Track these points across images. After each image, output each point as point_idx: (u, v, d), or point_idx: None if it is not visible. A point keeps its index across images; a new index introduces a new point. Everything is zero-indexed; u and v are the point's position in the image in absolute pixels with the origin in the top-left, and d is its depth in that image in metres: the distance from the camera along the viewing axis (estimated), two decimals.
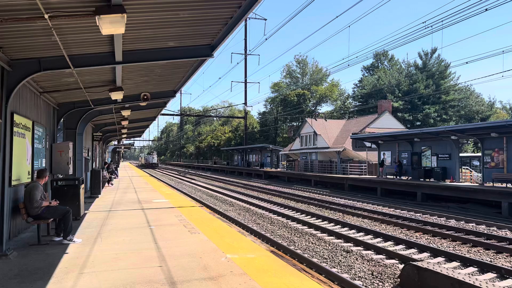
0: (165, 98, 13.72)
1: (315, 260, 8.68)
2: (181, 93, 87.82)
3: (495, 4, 18.23)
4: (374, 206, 18.89)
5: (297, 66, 76.18)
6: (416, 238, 11.48)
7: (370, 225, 13.52)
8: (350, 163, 34.21)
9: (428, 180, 23.41)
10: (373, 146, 31.30)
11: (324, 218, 14.70)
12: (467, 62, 37.17)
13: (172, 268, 5.84)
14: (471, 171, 31.14)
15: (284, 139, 67.65)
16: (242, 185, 31.95)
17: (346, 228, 12.90)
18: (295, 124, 69.10)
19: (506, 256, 9.58)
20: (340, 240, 11.00)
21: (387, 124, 38.26)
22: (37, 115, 9.43)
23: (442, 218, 15.20)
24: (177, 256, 6.52)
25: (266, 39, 38.33)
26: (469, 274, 7.82)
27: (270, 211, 16.76)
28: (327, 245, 10.30)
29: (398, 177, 26.02)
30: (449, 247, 10.47)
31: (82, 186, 10.57)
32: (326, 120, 44.42)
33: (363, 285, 7.24)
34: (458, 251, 9.88)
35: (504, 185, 18.72)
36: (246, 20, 49.06)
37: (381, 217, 14.99)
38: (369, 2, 68.20)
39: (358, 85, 66.69)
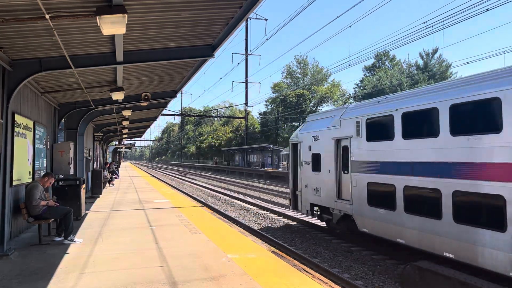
0: (166, 98, 13.73)
1: (316, 260, 8.68)
2: (182, 93, 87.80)
3: (496, 4, 18.20)
4: None
5: (297, 66, 76.20)
6: None
7: None
8: None
9: None
10: None
11: None
12: (468, 62, 37.13)
13: (173, 268, 5.84)
14: None
15: (285, 139, 67.61)
16: (243, 185, 31.94)
17: None
18: (296, 124, 69.10)
19: None
20: (341, 240, 10.98)
21: None
22: (38, 115, 9.44)
23: None
24: (178, 256, 6.52)
25: (267, 39, 38.30)
26: (470, 274, 7.79)
27: (271, 211, 16.75)
28: (328, 245, 10.29)
29: None
30: None
31: (83, 186, 10.58)
32: None
33: (364, 285, 7.24)
34: None
35: None
36: (247, 21, 49.13)
37: None
38: (370, 2, 68.20)
39: (359, 85, 66.70)
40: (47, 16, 4.98)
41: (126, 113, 15.10)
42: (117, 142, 45.23)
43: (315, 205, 11.70)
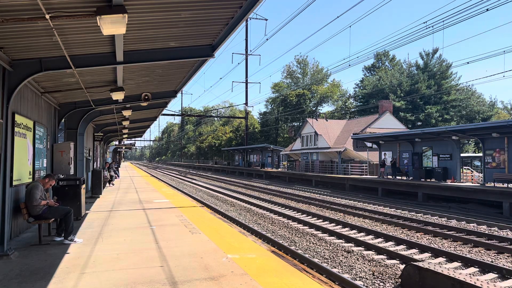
0: (166, 98, 13.73)
1: (316, 260, 8.68)
2: (182, 93, 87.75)
3: (496, 4, 18.24)
4: (375, 206, 18.87)
5: (297, 66, 76.23)
6: (417, 239, 11.47)
7: (371, 226, 13.51)
8: (351, 163, 34.19)
9: (429, 180, 23.39)
10: (374, 146, 31.29)
11: (325, 218, 14.69)
12: (468, 62, 37.12)
13: (173, 268, 5.85)
14: (472, 171, 31.10)
15: (285, 139, 67.66)
16: (243, 185, 31.95)
17: (347, 229, 12.90)
18: (296, 124, 69.10)
19: (507, 256, 9.56)
20: (341, 241, 10.99)
21: (388, 124, 38.24)
22: (38, 115, 9.45)
23: (443, 219, 15.19)
24: (178, 256, 6.53)
25: (267, 39, 38.45)
26: (470, 274, 7.81)
27: (271, 211, 16.76)
28: (328, 246, 10.30)
29: (394, 177, 26.03)
30: (450, 247, 10.45)
31: (83, 186, 10.58)
32: (327, 120, 44.42)
33: (364, 285, 7.23)
34: (459, 252, 9.87)
35: (505, 185, 18.68)
36: (247, 20, 49.14)
37: (382, 217, 14.98)
38: (370, 2, 68.29)
39: (359, 85, 66.71)
40: (47, 16, 4.98)
41: (126, 113, 15.11)
42: (117, 142, 45.26)
43: None
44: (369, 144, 32.14)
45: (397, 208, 17.92)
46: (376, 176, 29.12)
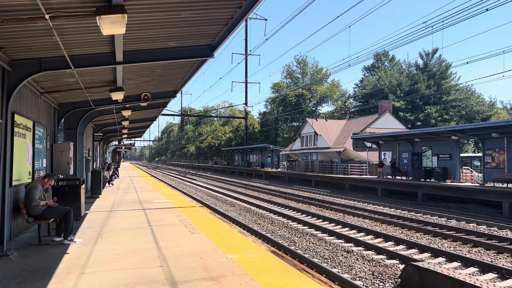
0: (165, 98, 13.73)
1: (315, 260, 8.68)
2: (181, 93, 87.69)
3: (495, 4, 18.25)
4: (374, 206, 18.88)
5: (297, 66, 76.25)
6: (417, 239, 11.48)
7: (371, 226, 13.51)
8: (351, 163, 34.20)
9: (428, 180, 23.40)
10: (374, 146, 31.29)
11: (324, 218, 14.69)
12: (467, 62, 37.09)
13: (173, 268, 5.85)
14: (471, 171, 31.12)
15: (285, 139, 67.67)
16: (243, 186, 31.95)
17: (346, 229, 12.90)
18: (295, 124, 69.10)
19: (507, 256, 9.57)
20: (340, 241, 10.99)
21: (387, 124, 38.25)
22: (37, 115, 9.44)
23: (442, 219, 15.19)
24: (178, 256, 6.53)
25: (266, 39, 38.51)
26: (469, 274, 7.82)
27: (271, 211, 16.76)
28: (328, 246, 10.30)
29: (393, 177, 26.04)
30: (449, 247, 10.46)
31: (83, 186, 10.58)
32: (326, 120, 44.43)
33: (363, 285, 7.24)
34: (459, 252, 9.88)
35: (504, 185, 18.69)
36: (246, 20, 49.14)
37: (381, 217, 14.98)
38: (370, 2, 68.33)
39: (359, 85, 66.73)
40: (47, 16, 4.98)
41: (126, 113, 15.10)
42: (116, 142, 45.25)
43: None
44: (368, 144, 32.15)
45: (396, 208, 17.93)
46: (376, 176, 29.12)
